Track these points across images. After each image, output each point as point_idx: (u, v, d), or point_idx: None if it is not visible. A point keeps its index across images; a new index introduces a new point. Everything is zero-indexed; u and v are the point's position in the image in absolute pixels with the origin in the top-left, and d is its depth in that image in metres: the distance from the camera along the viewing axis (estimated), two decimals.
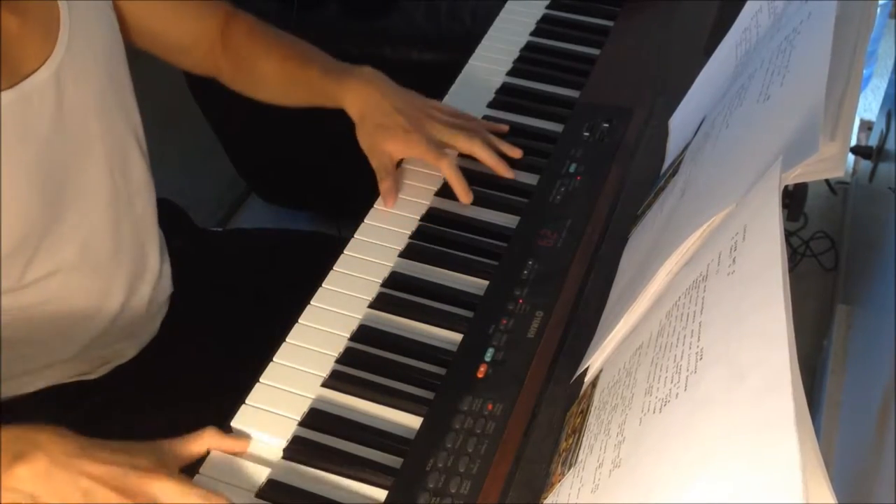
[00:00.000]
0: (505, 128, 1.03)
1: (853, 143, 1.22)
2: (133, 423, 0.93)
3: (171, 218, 1.06)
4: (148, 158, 0.96)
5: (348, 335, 0.83)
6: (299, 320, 0.84)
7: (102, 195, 0.88)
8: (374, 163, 0.96)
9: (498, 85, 1.11)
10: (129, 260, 0.94)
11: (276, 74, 1.03)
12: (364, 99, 0.96)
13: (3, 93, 0.76)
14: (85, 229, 0.87)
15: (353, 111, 0.97)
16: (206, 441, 0.73)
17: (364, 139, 0.97)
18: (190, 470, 0.72)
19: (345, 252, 0.90)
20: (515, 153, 0.99)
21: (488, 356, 0.79)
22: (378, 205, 0.95)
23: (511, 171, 0.97)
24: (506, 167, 0.97)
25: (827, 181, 1.14)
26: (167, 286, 1.02)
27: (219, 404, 0.77)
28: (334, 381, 0.79)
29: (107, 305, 0.93)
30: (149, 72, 1.05)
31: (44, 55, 0.80)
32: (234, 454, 0.74)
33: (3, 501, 0.66)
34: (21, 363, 0.90)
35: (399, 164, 0.99)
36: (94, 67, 0.85)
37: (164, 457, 0.70)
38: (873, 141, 1.12)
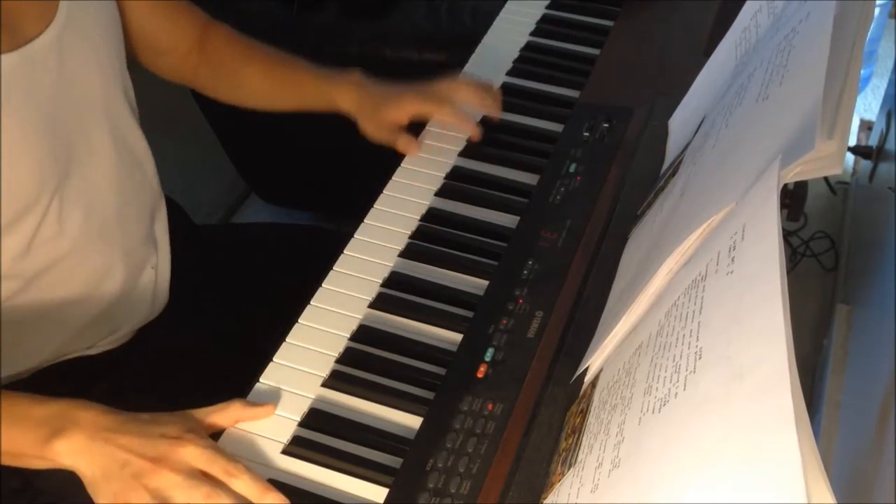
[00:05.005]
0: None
1: (853, 142, 1.22)
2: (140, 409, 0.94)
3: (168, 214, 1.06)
4: (144, 136, 0.97)
5: (348, 335, 0.83)
6: (299, 320, 0.84)
7: (106, 161, 0.90)
8: (384, 139, 1.01)
9: (498, 85, 1.11)
10: (133, 230, 0.94)
11: (263, 78, 1.06)
12: (358, 91, 1.02)
13: (7, 55, 0.78)
14: (90, 193, 0.88)
15: (349, 105, 1.02)
16: (232, 414, 0.76)
17: (368, 125, 1.01)
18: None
19: (345, 252, 0.90)
20: (496, 99, 1.04)
21: (488, 356, 0.79)
22: (378, 204, 0.96)
23: (476, 128, 1.02)
24: (471, 124, 1.02)
25: (827, 181, 1.14)
26: (168, 267, 1.02)
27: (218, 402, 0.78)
28: (334, 381, 0.79)
29: (111, 275, 0.93)
30: (149, 72, 1.06)
31: (45, 21, 0.82)
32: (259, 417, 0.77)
33: (42, 467, 0.71)
34: (24, 339, 0.90)
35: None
36: (94, 36, 0.87)
37: (193, 425, 0.73)
38: (873, 141, 1.12)
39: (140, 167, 0.96)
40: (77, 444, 0.69)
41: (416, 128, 1.03)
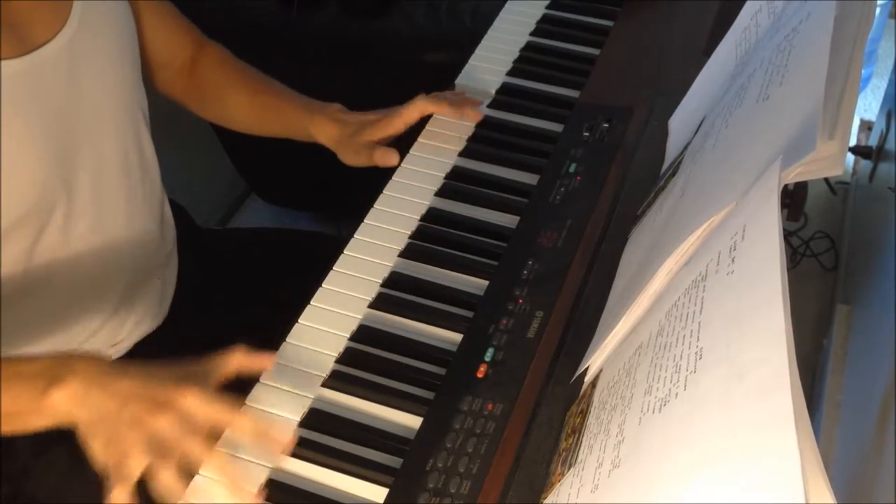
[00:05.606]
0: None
1: (853, 142, 1.22)
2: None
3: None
4: (153, 144, 0.97)
5: (348, 335, 0.83)
6: (299, 320, 0.84)
7: (115, 169, 0.89)
8: (362, 162, 1.02)
9: (498, 85, 1.11)
10: (141, 240, 0.94)
11: (247, 105, 1.07)
12: (336, 126, 1.03)
13: (14, 61, 0.77)
14: (98, 202, 0.88)
15: (327, 140, 1.04)
16: (234, 360, 0.73)
17: (345, 154, 1.03)
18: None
19: (345, 252, 0.90)
20: (475, 101, 1.05)
21: (488, 356, 0.79)
22: (378, 204, 0.96)
23: (477, 113, 1.04)
24: (460, 109, 1.03)
25: (827, 181, 1.14)
26: (175, 277, 1.02)
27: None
28: (334, 381, 0.79)
29: (116, 285, 0.93)
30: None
31: (56, 27, 0.81)
32: (261, 370, 0.75)
33: (41, 425, 0.69)
34: (23, 347, 0.90)
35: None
36: (107, 43, 0.86)
37: (194, 372, 0.71)
38: (873, 141, 1.12)
39: (149, 177, 0.96)
40: (75, 391, 0.67)
41: (408, 139, 1.03)
